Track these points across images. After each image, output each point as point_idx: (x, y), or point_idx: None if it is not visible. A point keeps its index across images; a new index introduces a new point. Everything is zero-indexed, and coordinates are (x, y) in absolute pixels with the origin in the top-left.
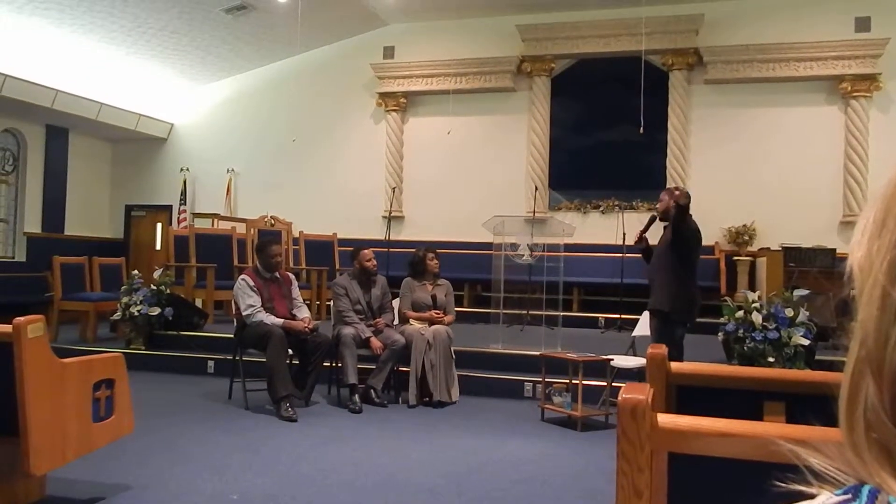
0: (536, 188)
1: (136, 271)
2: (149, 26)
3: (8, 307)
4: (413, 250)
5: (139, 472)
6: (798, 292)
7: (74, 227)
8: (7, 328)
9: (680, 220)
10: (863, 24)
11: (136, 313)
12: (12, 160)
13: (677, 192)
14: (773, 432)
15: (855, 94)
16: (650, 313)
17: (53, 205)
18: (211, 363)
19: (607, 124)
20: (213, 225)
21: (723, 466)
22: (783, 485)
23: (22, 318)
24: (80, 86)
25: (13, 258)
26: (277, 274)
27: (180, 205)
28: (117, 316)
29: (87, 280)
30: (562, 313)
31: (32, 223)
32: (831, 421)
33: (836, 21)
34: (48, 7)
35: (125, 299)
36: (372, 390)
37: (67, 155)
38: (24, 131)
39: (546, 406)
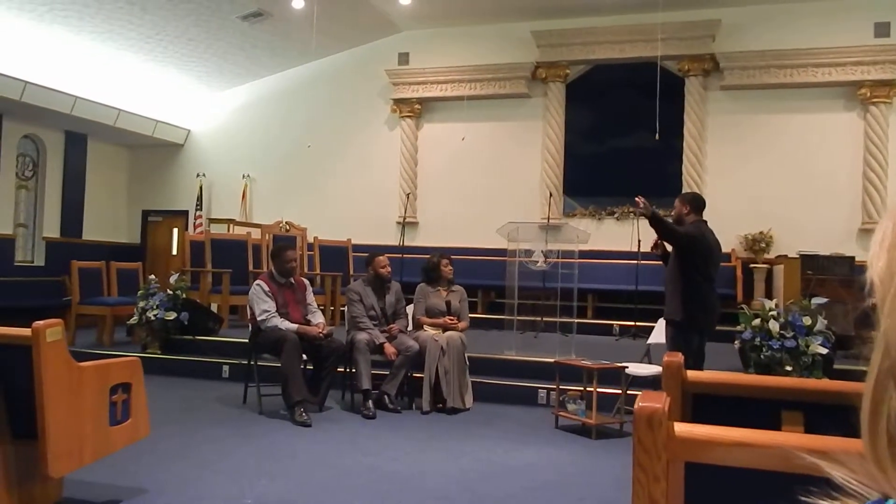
0: (551, 194)
1: (152, 276)
2: (166, 34)
3: (27, 311)
4: (427, 256)
5: (155, 476)
6: (816, 300)
7: (92, 232)
8: (26, 332)
9: (661, 233)
10: (882, 30)
11: (153, 318)
12: (32, 166)
13: (641, 206)
14: (792, 442)
15: (874, 100)
16: (665, 322)
17: (72, 210)
18: (226, 368)
19: (622, 130)
20: (228, 230)
21: (740, 476)
22: (805, 498)
23: (41, 322)
24: (99, 92)
25: (32, 262)
26: (292, 279)
27: (196, 210)
28: (134, 320)
29: (104, 285)
30: (576, 320)
31: (51, 228)
32: (851, 431)
33: (854, 26)
34: (68, 15)
35: (142, 304)
36: (386, 396)
37: (86, 160)
38: (43, 137)
39: (560, 413)
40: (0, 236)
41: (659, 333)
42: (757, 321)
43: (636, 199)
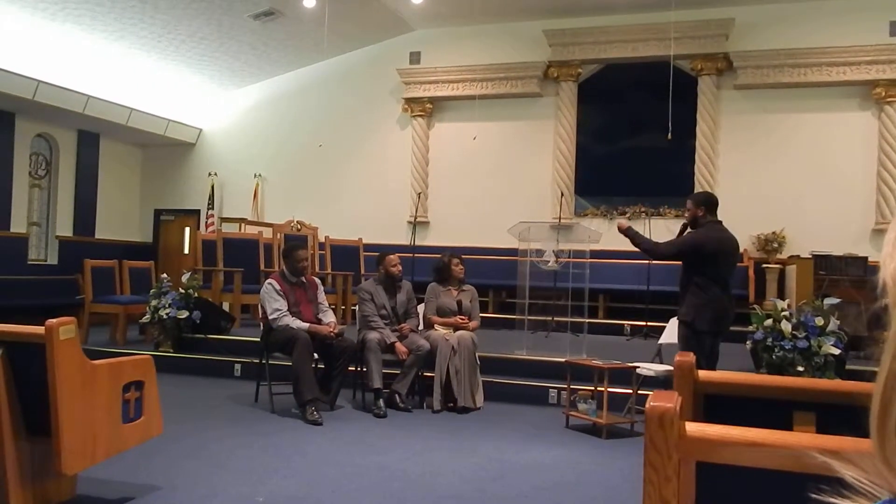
0: (562, 194)
1: (164, 275)
2: (178, 32)
3: (40, 309)
4: (438, 256)
5: (167, 474)
6: (828, 301)
7: (105, 230)
8: (40, 330)
9: (644, 251)
10: None
11: (165, 316)
12: (45, 165)
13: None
14: (804, 443)
15: (889, 99)
16: (678, 322)
17: (85, 208)
18: (238, 366)
19: (634, 130)
20: (240, 229)
21: (751, 476)
22: (816, 496)
23: (54, 321)
24: (111, 91)
25: (45, 261)
26: (304, 278)
27: (208, 209)
28: (146, 319)
29: (116, 283)
30: (587, 320)
31: (64, 227)
32: (863, 432)
33: (869, 25)
34: (80, 14)
35: (154, 302)
36: (396, 395)
37: (98, 159)
38: (56, 136)
39: (571, 413)
40: (14, 235)
41: (670, 333)
42: (769, 321)
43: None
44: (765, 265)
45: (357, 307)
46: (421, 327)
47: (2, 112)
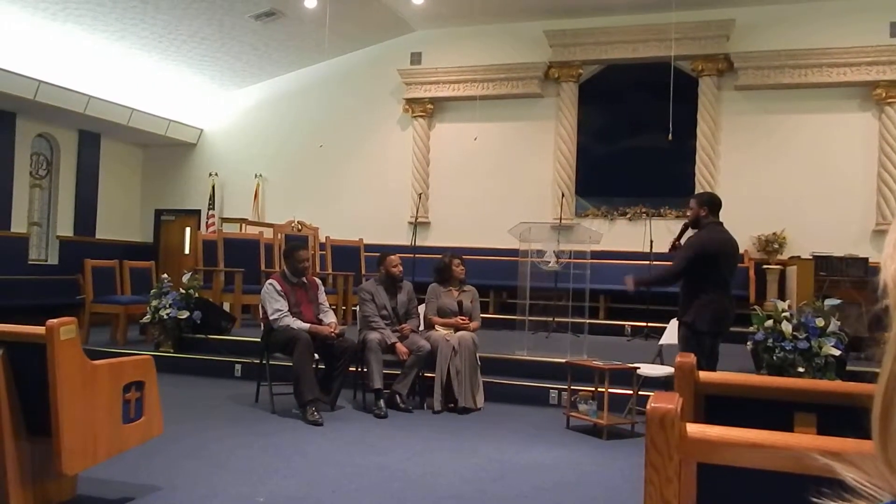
0: (563, 195)
1: (165, 275)
2: (179, 33)
3: (40, 309)
4: (439, 256)
5: (168, 474)
6: (829, 302)
7: (105, 230)
8: (40, 330)
9: (659, 285)
10: None
11: (166, 316)
12: (46, 165)
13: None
14: (805, 444)
15: (889, 100)
16: (679, 324)
17: (85, 209)
18: (238, 367)
19: (635, 131)
20: (241, 230)
21: (752, 477)
22: (817, 498)
23: (55, 321)
24: (112, 91)
25: (46, 261)
26: (304, 279)
27: (209, 209)
28: (147, 319)
29: (117, 283)
30: (588, 321)
31: (65, 227)
32: (864, 433)
33: (869, 26)
34: (81, 14)
35: (154, 302)
36: (397, 396)
37: (99, 159)
38: (57, 136)
39: (571, 414)
40: (14, 235)
41: (671, 334)
42: (770, 322)
43: (626, 282)
44: (765, 266)
45: (358, 307)
46: (421, 328)
47: (3, 112)
